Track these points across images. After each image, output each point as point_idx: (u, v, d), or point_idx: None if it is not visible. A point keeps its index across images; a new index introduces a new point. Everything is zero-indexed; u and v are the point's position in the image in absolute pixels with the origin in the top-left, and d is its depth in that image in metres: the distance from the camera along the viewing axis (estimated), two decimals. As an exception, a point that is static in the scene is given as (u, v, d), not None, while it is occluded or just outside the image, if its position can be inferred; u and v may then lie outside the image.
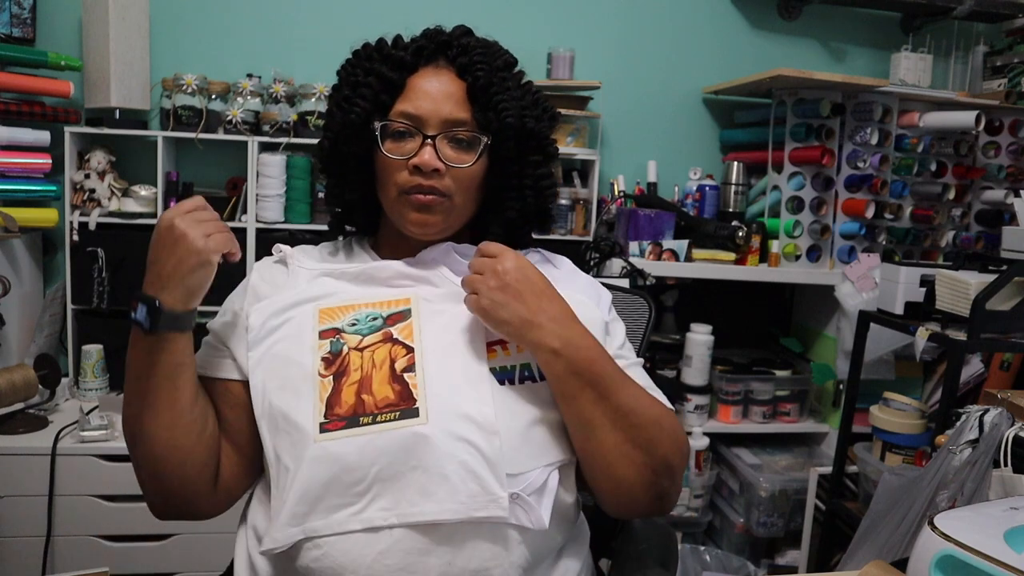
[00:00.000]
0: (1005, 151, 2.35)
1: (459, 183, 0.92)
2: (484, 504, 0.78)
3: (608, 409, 0.84)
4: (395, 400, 0.83)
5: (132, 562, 1.81)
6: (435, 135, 0.91)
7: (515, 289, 0.85)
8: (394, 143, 0.92)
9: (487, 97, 0.92)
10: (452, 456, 0.79)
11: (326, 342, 0.88)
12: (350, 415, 0.82)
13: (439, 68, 0.94)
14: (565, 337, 0.84)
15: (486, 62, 0.93)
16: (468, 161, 0.92)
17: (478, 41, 0.96)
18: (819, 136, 2.21)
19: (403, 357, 0.86)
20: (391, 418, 0.81)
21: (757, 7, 2.53)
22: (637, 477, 0.85)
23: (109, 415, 1.87)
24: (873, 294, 2.10)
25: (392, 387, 0.84)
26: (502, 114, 0.91)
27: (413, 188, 0.91)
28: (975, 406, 1.38)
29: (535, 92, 0.99)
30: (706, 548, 2.16)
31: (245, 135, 2.09)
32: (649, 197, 2.38)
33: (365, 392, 0.83)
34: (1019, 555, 0.69)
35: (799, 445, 2.41)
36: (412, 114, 0.91)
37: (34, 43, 2.10)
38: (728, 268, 2.18)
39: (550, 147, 1.00)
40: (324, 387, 0.84)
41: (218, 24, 2.25)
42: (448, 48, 0.95)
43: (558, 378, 0.84)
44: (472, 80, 0.92)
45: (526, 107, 0.95)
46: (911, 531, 1.42)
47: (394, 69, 0.93)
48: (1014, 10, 2.41)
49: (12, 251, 2.00)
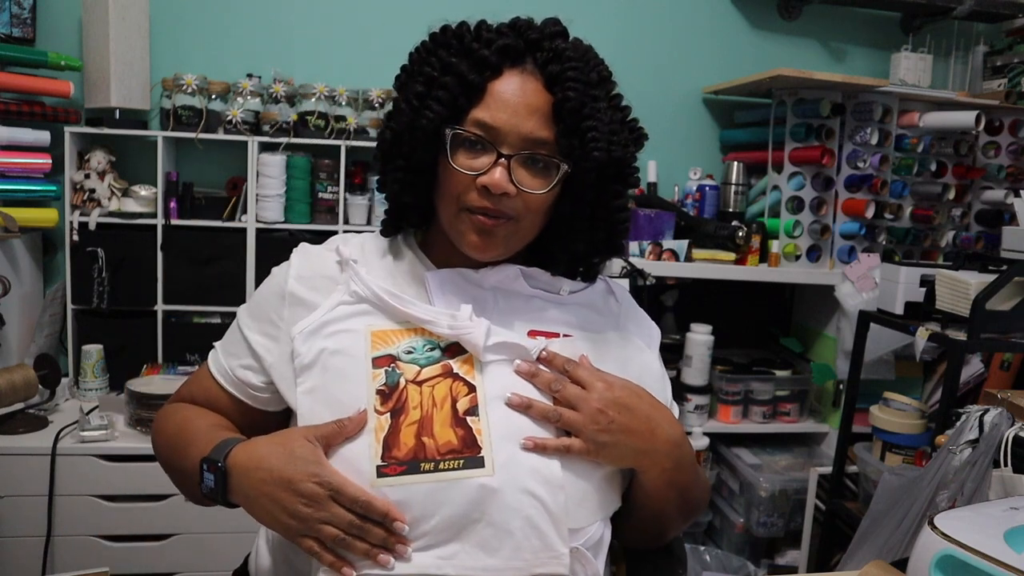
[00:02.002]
0: (1005, 151, 2.35)
1: (528, 207, 0.84)
2: (545, 561, 0.77)
3: (679, 497, 0.89)
4: (458, 446, 0.78)
5: (132, 562, 1.81)
6: (511, 155, 0.81)
7: (622, 424, 0.82)
8: (465, 154, 0.83)
9: (576, 120, 0.81)
10: (518, 511, 0.77)
11: (380, 371, 0.81)
12: (410, 459, 0.77)
13: (525, 73, 0.83)
14: (674, 457, 0.85)
15: (580, 77, 0.82)
16: (543, 187, 0.83)
17: (573, 45, 0.86)
18: (819, 136, 2.20)
19: (465, 396, 0.81)
20: (455, 466, 0.77)
21: (757, 7, 2.53)
22: (674, 531, 0.97)
23: (109, 415, 1.86)
24: (873, 294, 2.10)
25: (455, 431, 0.78)
26: (589, 144, 0.82)
27: (479, 210, 0.83)
28: (975, 406, 1.38)
29: (623, 111, 0.90)
30: (706, 548, 2.16)
31: (245, 135, 2.09)
32: (649, 197, 2.38)
33: (426, 434, 0.78)
34: (1019, 555, 0.69)
35: (799, 445, 2.41)
36: (489, 125, 0.82)
37: (34, 43, 2.10)
38: (728, 268, 2.18)
39: (632, 177, 0.90)
40: (381, 425, 0.78)
41: (218, 24, 2.25)
42: (538, 49, 0.84)
43: (653, 485, 0.86)
44: (563, 96, 0.81)
45: (615, 133, 0.85)
46: (911, 531, 1.42)
47: (475, 69, 0.82)
48: (1014, 10, 2.41)
49: (12, 251, 2.00)
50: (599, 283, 0.98)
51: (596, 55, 0.88)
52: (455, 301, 0.87)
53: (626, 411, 0.82)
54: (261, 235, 2.11)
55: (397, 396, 0.80)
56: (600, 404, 0.81)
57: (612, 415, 0.81)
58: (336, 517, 0.74)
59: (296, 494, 0.74)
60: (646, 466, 0.84)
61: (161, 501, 1.79)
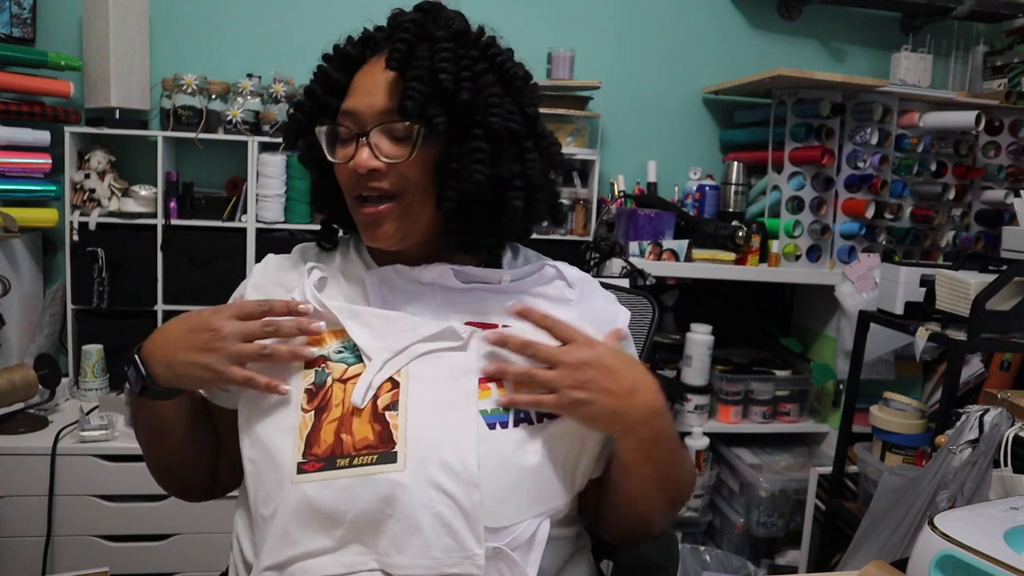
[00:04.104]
0: (1005, 151, 2.35)
1: (405, 180, 0.82)
2: (458, 560, 0.74)
3: (660, 475, 0.84)
4: (374, 441, 0.77)
5: (132, 562, 1.81)
6: (367, 131, 0.82)
7: (599, 384, 0.77)
8: (341, 148, 0.85)
9: (410, 77, 0.79)
10: (427, 508, 0.74)
11: (312, 371, 0.82)
12: (328, 456, 0.77)
13: (380, 58, 0.83)
14: (653, 427, 0.80)
15: (417, 36, 0.81)
16: (406, 154, 0.81)
17: (425, 18, 0.84)
18: (819, 136, 2.21)
19: (387, 393, 0.80)
20: (368, 461, 0.76)
21: (757, 7, 2.53)
22: (660, 518, 0.89)
23: (109, 415, 1.86)
24: (873, 294, 2.10)
25: (373, 426, 0.78)
26: (409, 89, 0.78)
27: (360, 192, 0.84)
28: (975, 406, 1.38)
29: (502, 62, 0.85)
30: (706, 548, 2.16)
31: (245, 135, 2.09)
32: (649, 197, 2.37)
33: (345, 431, 0.78)
34: (1019, 555, 0.69)
35: (799, 445, 2.41)
36: (350, 111, 0.84)
37: (34, 43, 2.09)
38: (728, 268, 2.18)
39: (511, 122, 0.82)
40: (305, 423, 0.79)
41: (218, 24, 2.25)
42: (394, 32, 0.84)
43: (631, 458, 0.82)
44: (396, 64, 0.80)
45: (468, 76, 0.81)
46: (911, 531, 1.42)
47: (339, 68, 0.86)
48: (1014, 10, 2.41)
49: (12, 251, 2.00)
50: (547, 269, 0.93)
51: (453, 14, 0.86)
52: (392, 298, 0.87)
53: (606, 371, 0.78)
54: (261, 235, 2.11)
55: (323, 395, 0.80)
56: (578, 359, 0.78)
57: (591, 374, 0.78)
58: (246, 328, 0.79)
59: (202, 331, 0.79)
60: (620, 432, 0.80)
61: (161, 501, 1.79)
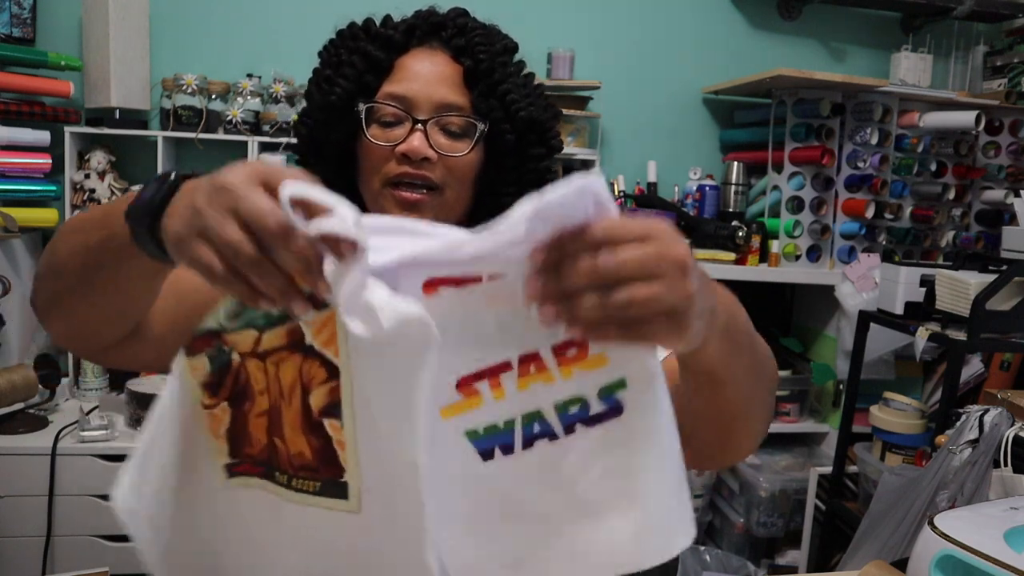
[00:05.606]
0: (1005, 151, 2.35)
1: (452, 174, 0.82)
2: None
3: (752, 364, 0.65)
4: (312, 461, 0.54)
5: (132, 562, 1.79)
6: (426, 120, 0.80)
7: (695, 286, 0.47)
8: (380, 129, 0.81)
9: (488, 81, 0.82)
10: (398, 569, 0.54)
11: (201, 358, 0.55)
12: (266, 460, 0.56)
13: (432, 49, 0.84)
14: (724, 304, 0.59)
15: (486, 45, 0.83)
16: (462, 150, 0.81)
17: (476, 23, 0.87)
18: (819, 136, 2.20)
19: (321, 385, 0.52)
20: (309, 488, 0.55)
21: (757, 7, 2.53)
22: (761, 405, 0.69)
23: (109, 415, 1.86)
24: (873, 294, 2.10)
25: (307, 439, 0.54)
26: (505, 99, 0.82)
27: (400, 178, 0.80)
28: (975, 406, 1.38)
29: (536, 83, 0.90)
30: (706, 548, 2.16)
31: (245, 135, 2.09)
32: (649, 197, 2.38)
33: (277, 434, 0.55)
34: (1019, 555, 0.69)
35: (799, 445, 2.40)
36: (401, 95, 0.81)
37: (34, 43, 2.09)
38: (728, 268, 2.18)
39: (554, 140, 0.89)
40: (217, 419, 0.56)
41: (218, 24, 2.25)
42: (443, 29, 0.85)
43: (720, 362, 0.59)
44: (472, 63, 0.82)
45: (528, 95, 0.85)
46: (911, 531, 1.42)
47: (381, 49, 0.83)
48: (1014, 10, 2.41)
49: (12, 251, 2.00)
50: None
51: (501, 32, 0.89)
52: None
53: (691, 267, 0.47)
54: (261, 235, 2.10)
55: (233, 379, 0.54)
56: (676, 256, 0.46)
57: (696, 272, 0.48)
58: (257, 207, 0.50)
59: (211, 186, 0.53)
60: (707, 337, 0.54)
61: (161, 501, 1.79)
